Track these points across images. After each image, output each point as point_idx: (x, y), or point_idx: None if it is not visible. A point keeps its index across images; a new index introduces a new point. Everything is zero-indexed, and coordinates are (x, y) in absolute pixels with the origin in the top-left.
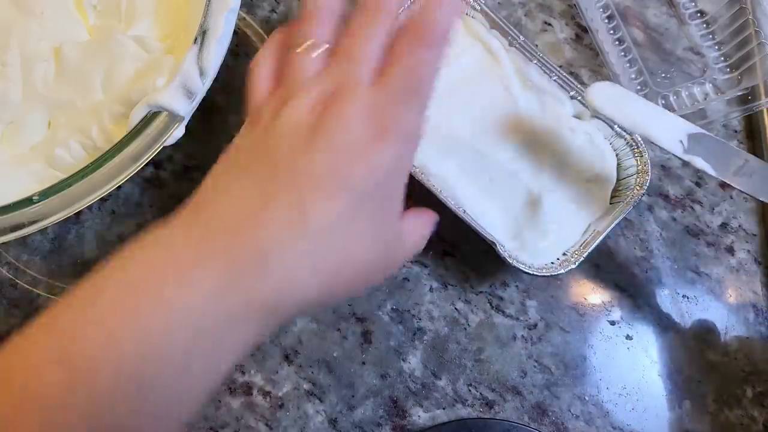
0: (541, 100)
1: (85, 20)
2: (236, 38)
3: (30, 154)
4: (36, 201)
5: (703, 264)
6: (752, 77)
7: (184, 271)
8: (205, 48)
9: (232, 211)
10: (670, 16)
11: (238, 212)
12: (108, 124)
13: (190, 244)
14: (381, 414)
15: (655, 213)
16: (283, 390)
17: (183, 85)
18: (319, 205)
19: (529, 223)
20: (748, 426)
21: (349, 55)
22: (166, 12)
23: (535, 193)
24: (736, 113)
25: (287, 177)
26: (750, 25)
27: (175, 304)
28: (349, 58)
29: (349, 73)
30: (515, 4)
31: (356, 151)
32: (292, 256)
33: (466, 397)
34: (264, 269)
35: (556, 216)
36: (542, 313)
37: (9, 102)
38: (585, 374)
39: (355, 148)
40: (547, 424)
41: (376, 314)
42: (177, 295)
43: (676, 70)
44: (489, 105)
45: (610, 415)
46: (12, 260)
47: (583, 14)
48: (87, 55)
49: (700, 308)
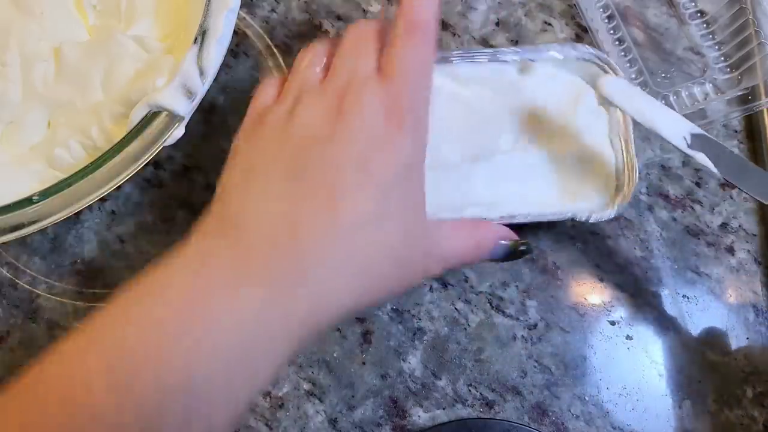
0: (488, 84)
1: (85, 20)
2: (236, 38)
3: (30, 154)
4: (36, 201)
5: (703, 264)
6: (752, 77)
7: (232, 290)
8: (205, 48)
9: (267, 221)
10: (670, 16)
11: (273, 223)
12: (108, 124)
13: (233, 261)
14: (381, 414)
15: (655, 213)
16: (283, 390)
17: (183, 85)
18: (349, 201)
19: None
20: (748, 426)
21: (352, 55)
22: (166, 12)
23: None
24: (736, 113)
25: (314, 175)
26: (750, 25)
27: (223, 323)
28: (353, 56)
29: (356, 70)
30: (515, 4)
31: (378, 141)
32: (327, 267)
33: (466, 397)
34: (301, 287)
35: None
36: (542, 313)
37: (9, 102)
38: (585, 374)
39: (376, 138)
40: (547, 424)
41: (376, 314)
42: (226, 315)
43: (676, 70)
44: (465, 124)
45: (610, 415)
46: (12, 260)
47: (583, 14)
48: (87, 55)
49: (700, 308)
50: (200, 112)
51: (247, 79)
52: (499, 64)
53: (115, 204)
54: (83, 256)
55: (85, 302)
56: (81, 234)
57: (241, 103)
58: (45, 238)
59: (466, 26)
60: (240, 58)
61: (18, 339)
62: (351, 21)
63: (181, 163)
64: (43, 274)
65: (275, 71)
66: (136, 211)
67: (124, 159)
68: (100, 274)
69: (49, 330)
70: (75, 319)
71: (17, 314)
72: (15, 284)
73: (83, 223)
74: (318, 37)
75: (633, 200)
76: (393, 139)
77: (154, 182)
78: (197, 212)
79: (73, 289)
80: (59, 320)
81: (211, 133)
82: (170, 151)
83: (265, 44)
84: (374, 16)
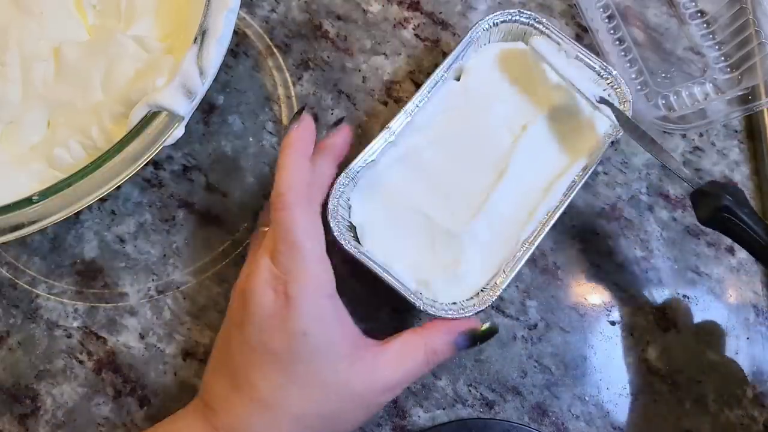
0: (447, 110)
1: (85, 20)
2: (236, 38)
3: (30, 154)
4: (36, 201)
5: (703, 264)
6: (752, 77)
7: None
8: (204, 48)
9: (215, 400)
10: (671, 16)
11: (221, 402)
12: (108, 124)
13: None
14: (381, 414)
15: (656, 213)
16: None
17: (183, 85)
18: (259, 381)
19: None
20: (748, 426)
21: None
22: (166, 12)
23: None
24: (737, 113)
25: (232, 363)
26: (750, 24)
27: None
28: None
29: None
30: (515, 4)
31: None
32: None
33: (466, 397)
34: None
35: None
36: (542, 313)
37: (8, 102)
38: (585, 374)
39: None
40: (548, 424)
41: (376, 314)
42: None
43: (676, 70)
44: (466, 154)
45: (611, 416)
46: (12, 260)
47: (583, 14)
48: (86, 54)
49: (700, 308)
50: (200, 112)
51: (247, 79)
52: (439, 87)
53: (115, 204)
54: (83, 256)
55: (85, 302)
56: (81, 234)
57: (241, 103)
58: (45, 238)
59: (466, 26)
60: (240, 58)
61: (18, 339)
62: (351, 21)
63: (181, 163)
64: (43, 274)
65: (275, 71)
66: (136, 211)
67: (124, 159)
68: (100, 274)
69: (48, 330)
70: (75, 319)
71: (17, 314)
72: (15, 284)
73: (83, 223)
74: (317, 38)
75: (633, 200)
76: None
77: (154, 182)
78: (197, 212)
79: (73, 289)
80: (59, 320)
81: (211, 133)
82: (170, 151)
83: (265, 44)
84: (374, 16)
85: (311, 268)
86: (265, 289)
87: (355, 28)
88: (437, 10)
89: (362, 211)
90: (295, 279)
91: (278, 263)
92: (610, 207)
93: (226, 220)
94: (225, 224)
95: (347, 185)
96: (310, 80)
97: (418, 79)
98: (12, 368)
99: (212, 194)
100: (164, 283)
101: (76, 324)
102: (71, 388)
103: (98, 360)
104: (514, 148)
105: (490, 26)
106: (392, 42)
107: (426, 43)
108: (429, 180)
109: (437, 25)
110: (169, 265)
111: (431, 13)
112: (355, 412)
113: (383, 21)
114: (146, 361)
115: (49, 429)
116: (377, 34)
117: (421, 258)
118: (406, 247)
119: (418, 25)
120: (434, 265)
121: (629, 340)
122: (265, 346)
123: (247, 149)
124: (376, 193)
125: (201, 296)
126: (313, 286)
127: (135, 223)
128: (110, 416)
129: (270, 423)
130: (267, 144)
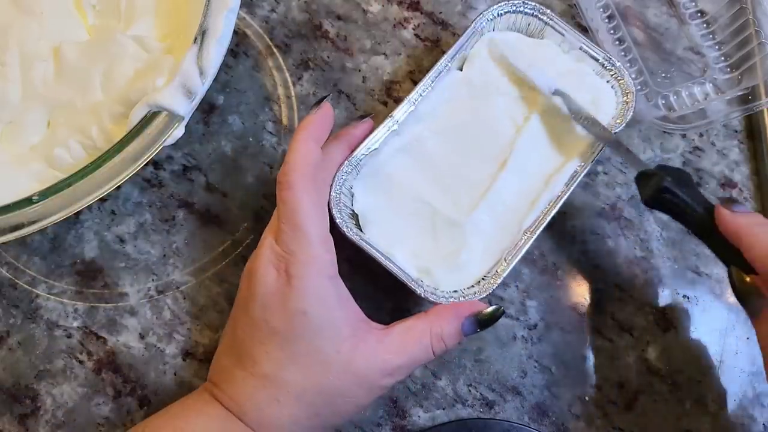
0: (450, 100)
1: (85, 20)
2: (236, 38)
3: (30, 154)
4: (36, 201)
5: (703, 264)
6: (752, 77)
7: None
8: (204, 48)
9: (220, 376)
10: (671, 16)
11: (225, 376)
12: (108, 124)
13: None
14: (381, 414)
15: (656, 213)
16: None
17: (183, 85)
18: (262, 357)
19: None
20: (748, 426)
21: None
22: (166, 12)
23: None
24: (737, 113)
25: (237, 340)
26: (750, 24)
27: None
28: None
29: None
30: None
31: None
32: (262, 407)
33: (466, 397)
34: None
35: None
36: (542, 313)
37: (8, 102)
38: (585, 374)
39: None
40: (548, 424)
41: (377, 315)
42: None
43: (676, 70)
44: (470, 144)
45: (611, 416)
46: (12, 260)
47: (583, 14)
48: (86, 54)
49: (700, 308)
50: (200, 112)
51: (247, 79)
52: (442, 77)
53: (115, 204)
54: (83, 256)
55: (85, 302)
56: (81, 234)
57: (241, 103)
58: (45, 238)
59: (465, 26)
60: (240, 58)
61: (18, 339)
62: (351, 21)
63: (181, 163)
64: (42, 274)
65: (275, 71)
66: (136, 211)
67: (124, 159)
68: (100, 274)
69: (48, 330)
70: (75, 319)
71: (17, 314)
72: (15, 284)
73: (83, 223)
74: (317, 38)
75: (633, 200)
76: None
77: (154, 182)
78: (197, 212)
79: (73, 289)
80: (59, 320)
81: (211, 133)
82: (170, 151)
83: (265, 44)
84: (374, 16)
85: (313, 249)
86: (267, 268)
87: (355, 28)
88: (437, 10)
89: (365, 199)
90: (297, 258)
91: (281, 242)
92: (610, 207)
93: (226, 220)
94: (225, 224)
95: (350, 173)
96: (310, 80)
97: (418, 79)
98: (12, 368)
99: (212, 194)
100: (164, 283)
101: (76, 324)
102: (71, 388)
103: (98, 360)
104: (517, 137)
105: (494, 17)
106: (392, 42)
107: (426, 43)
108: (431, 169)
109: (437, 25)
110: (169, 265)
111: (431, 13)
112: (356, 393)
113: (383, 21)
114: (146, 361)
115: (49, 429)
116: (377, 34)
117: (423, 246)
118: (408, 235)
119: (418, 25)
120: (436, 253)
121: (629, 340)
122: (268, 323)
123: (247, 149)
124: (379, 181)
125: (201, 296)
126: (314, 267)
127: (135, 223)
128: (110, 416)
129: (271, 398)
130: (267, 144)
